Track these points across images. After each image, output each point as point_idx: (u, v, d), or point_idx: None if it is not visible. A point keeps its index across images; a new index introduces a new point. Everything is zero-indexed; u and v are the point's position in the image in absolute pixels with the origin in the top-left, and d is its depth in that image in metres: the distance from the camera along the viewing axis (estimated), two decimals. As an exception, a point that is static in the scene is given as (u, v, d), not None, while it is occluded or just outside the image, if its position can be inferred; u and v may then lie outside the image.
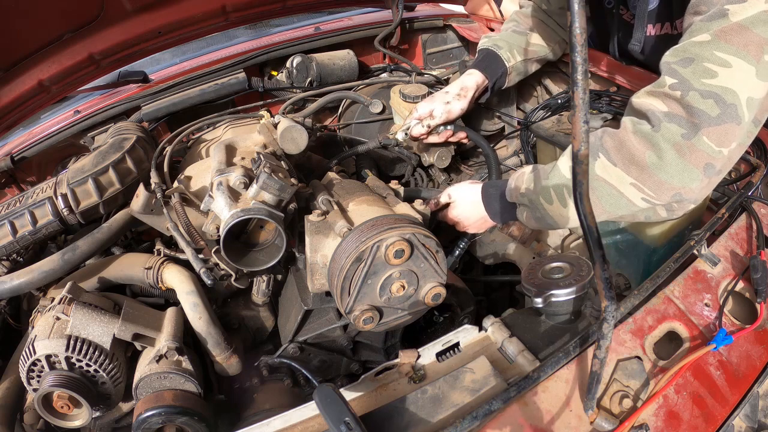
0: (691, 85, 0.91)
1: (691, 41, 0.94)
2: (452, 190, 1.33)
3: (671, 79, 0.94)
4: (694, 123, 0.90)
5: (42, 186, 1.28)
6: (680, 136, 0.91)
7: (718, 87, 0.89)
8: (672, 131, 0.92)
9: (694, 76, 0.91)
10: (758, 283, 0.96)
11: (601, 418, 0.78)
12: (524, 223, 1.18)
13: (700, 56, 0.91)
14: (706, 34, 0.92)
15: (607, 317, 0.69)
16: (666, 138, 0.92)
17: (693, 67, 0.92)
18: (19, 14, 1.44)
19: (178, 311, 1.11)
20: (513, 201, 1.19)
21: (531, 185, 1.12)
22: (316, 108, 1.76)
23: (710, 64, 0.90)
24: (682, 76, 0.92)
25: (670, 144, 0.92)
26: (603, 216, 1.02)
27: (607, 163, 0.99)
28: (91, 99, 2.03)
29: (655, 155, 0.93)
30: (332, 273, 1.00)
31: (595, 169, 1.00)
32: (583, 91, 0.54)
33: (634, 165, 0.96)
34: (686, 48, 0.94)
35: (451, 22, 2.29)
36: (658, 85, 0.97)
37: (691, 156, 0.91)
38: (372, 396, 0.89)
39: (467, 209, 1.31)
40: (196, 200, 1.17)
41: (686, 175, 0.92)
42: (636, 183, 0.96)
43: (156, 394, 0.97)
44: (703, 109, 0.89)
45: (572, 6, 0.52)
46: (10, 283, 1.09)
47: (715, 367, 0.89)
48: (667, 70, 0.96)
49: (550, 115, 1.60)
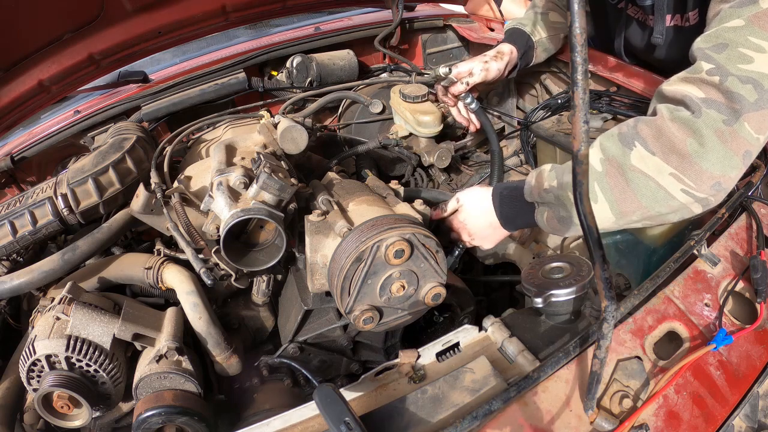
0: (728, 70, 0.89)
1: (723, 27, 0.92)
2: (461, 195, 1.24)
3: (708, 65, 0.91)
4: (734, 108, 0.88)
5: (42, 186, 1.28)
6: (722, 122, 0.88)
7: (754, 72, 0.87)
8: (713, 117, 0.88)
9: (730, 61, 0.89)
10: (758, 283, 0.97)
11: (601, 418, 0.78)
12: (543, 226, 1.10)
13: (734, 41, 0.90)
14: (739, 20, 0.90)
15: (607, 317, 0.69)
16: (708, 124, 0.88)
17: (728, 53, 0.90)
18: (19, 14, 1.44)
19: (178, 311, 1.11)
20: (534, 200, 1.11)
21: (555, 181, 1.04)
22: (316, 108, 1.76)
23: (745, 50, 0.88)
24: (718, 62, 0.90)
25: (712, 130, 0.88)
26: (638, 213, 0.96)
27: (645, 153, 0.93)
28: (91, 99, 2.03)
29: (696, 142, 0.89)
30: (332, 273, 1.00)
31: (630, 159, 0.94)
32: (583, 91, 0.54)
33: (675, 153, 0.91)
34: (719, 33, 0.92)
35: (451, 22, 2.29)
36: (694, 71, 0.94)
37: (733, 143, 0.88)
38: (372, 396, 0.89)
39: (475, 215, 1.21)
40: (196, 200, 1.17)
41: (727, 162, 0.89)
42: (675, 173, 0.91)
43: (156, 394, 0.97)
44: (742, 93, 0.87)
45: (572, 6, 0.52)
46: (10, 283, 1.09)
47: (715, 367, 0.89)
48: (701, 56, 0.93)
49: (550, 115, 1.60)
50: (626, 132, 0.97)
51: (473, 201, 1.22)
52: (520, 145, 1.76)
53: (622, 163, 0.95)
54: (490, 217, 1.19)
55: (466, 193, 1.25)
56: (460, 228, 1.25)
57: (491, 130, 1.58)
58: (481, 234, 1.23)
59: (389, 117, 1.80)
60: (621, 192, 0.95)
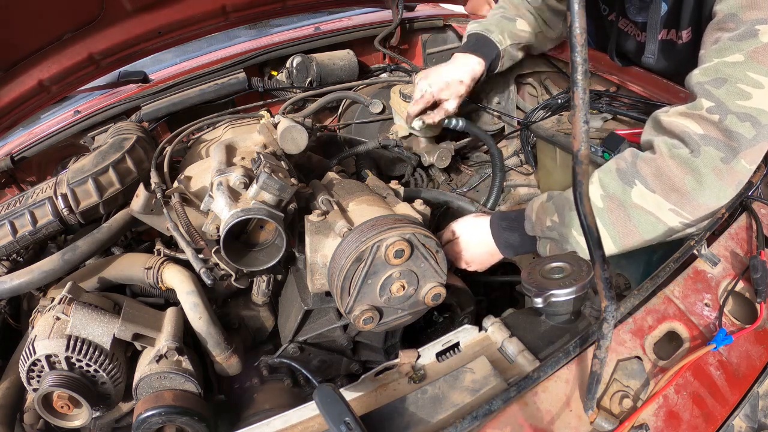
0: (728, 108, 0.91)
1: (723, 61, 0.94)
2: (456, 226, 1.25)
3: (708, 102, 0.94)
4: (732, 147, 0.91)
5: (42, 186, 1.28)
6: (720, 160, 0.92)
7: (752, 109, 0.89)
8: (711, 155, 0.92)
9: (729, 97, 0.91)
10: (758, 283, 0.96)
11: (601, 418, 0.78)
12: (546, 254, 1.11)
13: (733, 77, 0.92)
14: (739, 54, 0.92)
15: (607, 317, 0.69)
16: (706, 163, 0.92)
17: (727, 88, 0.92)
18: (19, 14, 1.44)
19: (178, 311, 1.11)
20: (535, 234, 1.12)
21: (556, 216, 1.06)
22: (316, 108, 1.76)
23: (744, 86, 0.90)
24: (718, 99, 0.92)
25: (710, 168, 0.92)
26: (639, 242, 1.00)
27: (646, 191, 0.97)
28: (91, 99, 2.03)
29: (695, 180, 0.93)
30: (332, 273, 1.00)
31: (632, 197, 0.98)
32: (583, 91, 0.54)
33: (675, 191, 0.95)
34: (719, 68, 0.95)
35: (451, 22, 2.29)
36: (694, 107, 0.96)
37: (728, 177, 0.92)
38: (372, 396, 0.89)
39: (473, 243, 1.22)
40: (196, 200, 1.17)
41: (722, 194, 0.94)
42: (675, 209, 0.96)
43: (156, 394, 0.97)
44: (741, 132, 0.90)
45: (572, 6, 0.51)
46: (10, 283, 1.09)
47: (715, 367, 0.89)
48: (701, 92, 0.96)
49: (550, 115, 1.60)
50: (625, 169, 1.01)
51: (469, 232, 1.24)
52: (520, 145, 1.76)
53: (623, 200, 0.99)
54: (489, 246, 1.21)
55: (461, 224, 1.26)
56: (455, 256, 1.25)
57: (485, 137, 1.60)
58: (478, 260, 1.25)
59: (389, 117, 1.80)
60: (623, 226, 1.00)
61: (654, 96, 1.39)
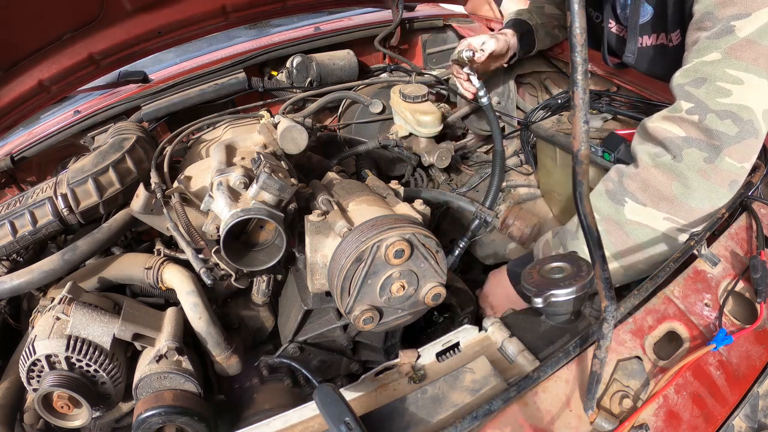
0: (707, 107, 0.91)
1: (702, 60, 0.94)
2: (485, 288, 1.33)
3: (687, 104, 0.94)
4: (714, 145, 0.91)
5: (42, 186, 1.28)
6: (703, 160, 0.92)
7: (733, 105, 0.89)
8: (694, 157, 0.92)
9: (709, 96, 0.91)
10: (758, 283, 0.96)
11: (601, 418, 0.78)
12: None
13: (712, 75, 0.92)
14: (716, 53, 0.92)
15: (607, 317, 0.69)
16: (689, 166, 0.93)
17: (706, 87, 0.92)
18: (19, 14, 1.44)
19: (178, 311, 1.11)
20: None
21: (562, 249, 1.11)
22: (316, 108, 1.76)
23: (723, 83, 0.90)
24: (697, 99, 0.92)
25: (695, 171, 0.92)
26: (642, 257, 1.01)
27: (637, 206, 0.98)
28: (91, 99, 2.03)
29: (681, 185, 0.94)
30: (332, 273, 1.00)
31: (625, 214, 0.99)
32: (583, 91, 0.54)
33: (664, 200, 0.96)
34: (697, 68, 0.94)
35: (451, 22, 2.29)
36: (674, 110, 0.97)
37: (716, 177, 0.92)
38: (372, 396, 0.89)
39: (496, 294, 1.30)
40: (196, 200, 1.16)
41: (714, 196, 0.93)
42: (669, 216, 0.96)
43: (156, 394, 0.97)
44: (722, 130, 0.90)
45: (572, 6, 0.52)
46: (10, 283, 1.09)
47: (715, 367, 0.89)
48: (680, 94, 0.96)
49: (550, 115, 1.60)
50: (613, 189, 1.03)
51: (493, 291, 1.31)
52: (520, 145, 1.76)
53: (618, 219, 1.01)
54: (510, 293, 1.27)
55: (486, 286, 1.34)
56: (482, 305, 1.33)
57: (497, 128, 1.57)
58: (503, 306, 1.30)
59: (389, 117, 1.80)
60: (623, 244, 1.01)
61: (654, 96, 1.39)
